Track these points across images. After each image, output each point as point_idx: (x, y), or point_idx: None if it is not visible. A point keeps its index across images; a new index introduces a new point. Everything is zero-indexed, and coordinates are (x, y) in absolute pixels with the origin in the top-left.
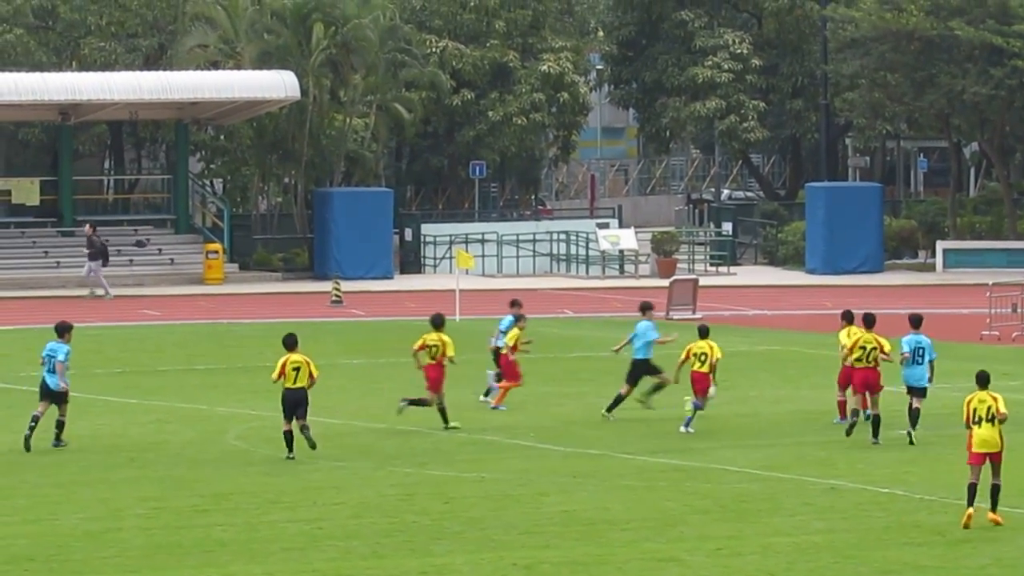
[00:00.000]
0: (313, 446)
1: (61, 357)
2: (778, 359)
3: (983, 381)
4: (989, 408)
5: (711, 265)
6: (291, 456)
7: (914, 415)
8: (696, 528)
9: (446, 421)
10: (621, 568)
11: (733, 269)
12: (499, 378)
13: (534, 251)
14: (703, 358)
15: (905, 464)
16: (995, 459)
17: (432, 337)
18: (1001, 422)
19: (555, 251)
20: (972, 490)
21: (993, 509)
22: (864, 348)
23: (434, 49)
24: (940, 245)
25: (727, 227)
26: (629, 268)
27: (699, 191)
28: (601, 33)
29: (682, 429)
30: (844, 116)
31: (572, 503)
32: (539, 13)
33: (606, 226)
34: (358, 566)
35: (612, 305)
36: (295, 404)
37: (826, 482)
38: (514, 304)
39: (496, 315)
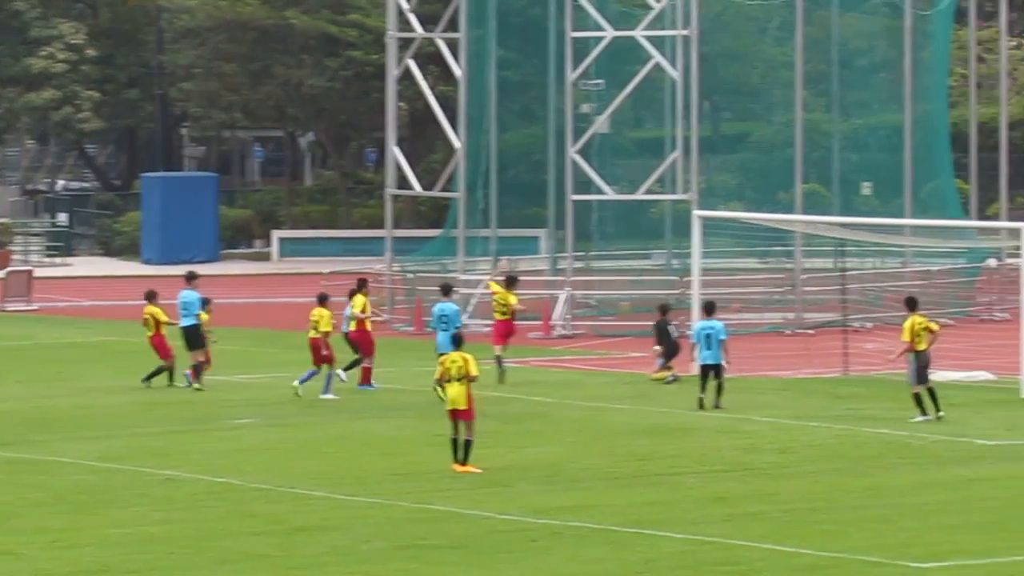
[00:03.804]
0: None
1: None
2: (113, 350)
3: (457, 342)
4: (460, 368)
5: (47, 256)
6: None
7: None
8: (32, 520)
9: None
10: None
11: (69, 260)
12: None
13: None
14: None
15: (241, 454)
16: (463, 416)
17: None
18: (471, 382)
19: None
20: (454, 444)
21: (464, 463)
22: None
23: None
24: (276, 234)
25: (63, 218)
26: None
27: (34, 182)
28: None
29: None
30: (180, 106)
31: None
32: None
33: None
34: None
35: None
36: None
37: (163, 472)
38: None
39: None
